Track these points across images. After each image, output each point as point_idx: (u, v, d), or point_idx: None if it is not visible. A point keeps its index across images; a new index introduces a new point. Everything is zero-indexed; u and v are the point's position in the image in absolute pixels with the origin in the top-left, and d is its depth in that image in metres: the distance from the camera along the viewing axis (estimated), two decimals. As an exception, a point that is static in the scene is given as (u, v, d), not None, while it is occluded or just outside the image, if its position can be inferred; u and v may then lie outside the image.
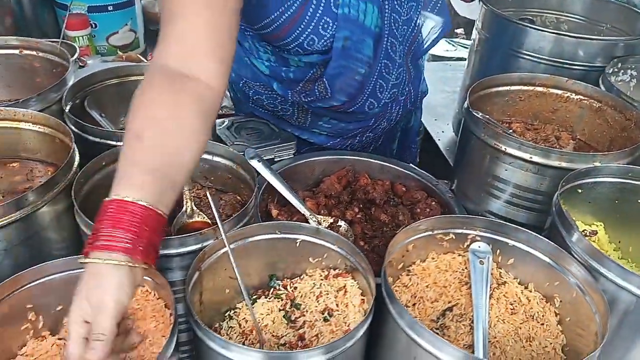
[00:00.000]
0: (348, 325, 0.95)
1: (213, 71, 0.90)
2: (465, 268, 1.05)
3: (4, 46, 1.42)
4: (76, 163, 1.03)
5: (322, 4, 1.15)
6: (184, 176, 0.84)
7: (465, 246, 1.06)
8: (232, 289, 1.02)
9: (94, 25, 2.15)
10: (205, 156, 1.21)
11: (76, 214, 0.98)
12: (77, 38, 2.08)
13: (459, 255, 1.07)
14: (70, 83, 1.30)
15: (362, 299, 0.98)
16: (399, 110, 1.51)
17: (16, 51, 1.43)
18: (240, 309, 1.02)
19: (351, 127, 1.48)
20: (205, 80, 0.89)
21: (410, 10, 1.33)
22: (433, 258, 1.06)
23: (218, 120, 1.43)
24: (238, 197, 1.22)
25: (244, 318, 1.00)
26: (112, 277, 0.70)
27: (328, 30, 1.18)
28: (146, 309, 0.88)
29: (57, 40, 1.57)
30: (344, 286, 1.00)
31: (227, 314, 1.02)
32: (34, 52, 1.43)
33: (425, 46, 1.45)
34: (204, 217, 1.14)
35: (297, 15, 1.12)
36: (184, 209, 1.13)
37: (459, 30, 3.25)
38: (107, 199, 0.77)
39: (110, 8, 2.16)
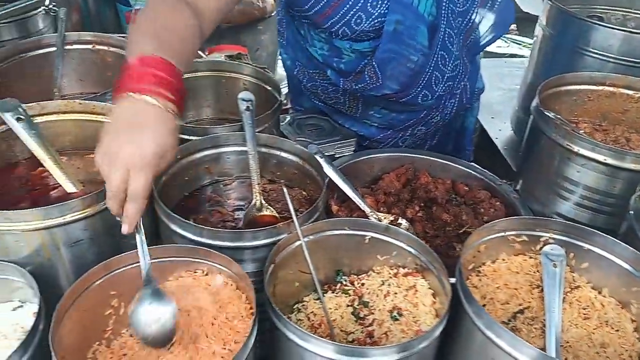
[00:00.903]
0: (419, 326, 0.95)
1: (211, 10, 1.03)
2: (537, 271, 1.04)
3: (78, 41, 1.48)
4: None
5: None
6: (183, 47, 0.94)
7: (537, 248, 1.04)
8: (301, 282, 1.04)
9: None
10: (273, 151, 1.23)
11: (156, 204, 1.02)
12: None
13: (530, 257, 1.05)
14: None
15: (433, 300, 0.98)
16: (454, 104, 1.49)
17: (89, 46, 1.48)
18: (307, 302, 1.04)
19: (402, 118, 1.47)
20: (204, 14, 1.01)
21: (467, 2, 1.31)
22: (504, 259, 1.05)
23: (281, 116, 1.45)
24: (304, 192, 1.24)
25: (312, 312, 1.01)
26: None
27: (377, 9, 1.18)
28: (224, 299, 0.91)
29: (125, 35, 1.62)
30: (414, 285, 1.00)
31: (294, 307, 1.04)
32: (106, 47, 1.49)
33: (482, 43, 1.43)
34: (272, 211, 1.16)
35: None
36: (253, 202, 1.15)
37: (512, 27, 3.19)
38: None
39: (170, 4, 2.21)
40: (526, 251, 1.05)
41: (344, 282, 1.07)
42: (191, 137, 1.22)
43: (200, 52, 2.13)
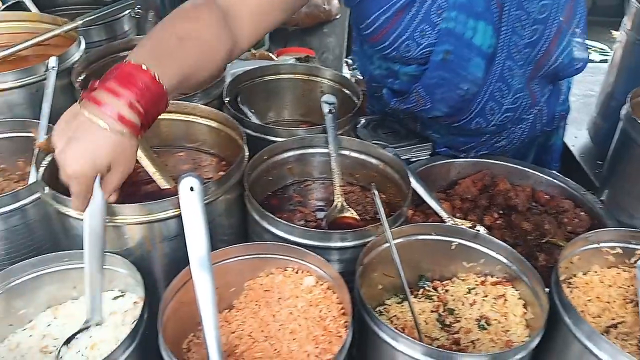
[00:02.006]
0: (509, 336, 0.93)
1: (247, 27, 1.02)
2: (631, 285, 1.00)
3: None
4: (246, 158, 1.09)
5: (422, 12, 1.13)
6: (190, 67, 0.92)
7: (632, 261, 1.01)
8: (384, 286, 1.04)
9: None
10: (353, 154, 1.25)
11: (247, 201, 1.05)
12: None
13: (624, 270, 1.02)
14: (228, 80, 1.39)
15: (524, 310, 0.96)
16: (524, 132, 1.43)
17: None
18: (390, 305, 1.04)
19: (461, 140, 1.42)
20: (237, 29, 1.01)
21: (535, 33, 1.21)
22: (596, 272, 1.02)
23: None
24: (382, 196, 1.24)
25: (395, 315, 1.01)
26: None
27: (425, 39, 1.16)
28: (316, 299, 0.92)
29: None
30: (503, 295, 0.98)
31: (376, 310, 1.04)
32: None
33: (567, 72, 1.34)
34: (352, 213, 1.17)
35: (395, 18, 1.12)
36: (334, 204, 1.17)
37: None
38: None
39: (242, 7, 2.27)
40: (620, 264, 1.02)
41: (427, 288, 1.06)
42: (276, 138, 1.25)
43: (270, 54, 2.19)
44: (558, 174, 1.36)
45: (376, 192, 0.97)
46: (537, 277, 0.93)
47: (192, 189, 0.91)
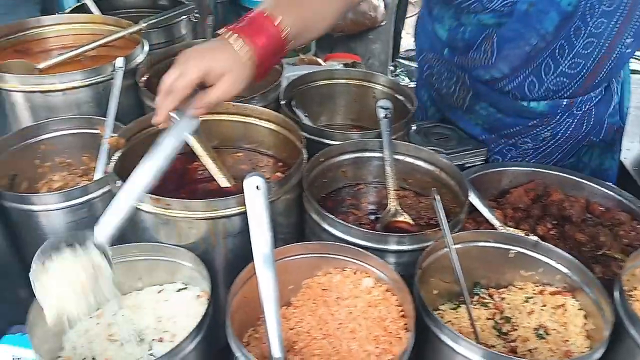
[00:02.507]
0: (568, 347, 0.93)
1: None
2: (696, 301, 0.98)
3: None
4: (305, 160, 1.12)
5: None
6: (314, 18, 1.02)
7: (696, 277, 0.99)
8: (439, 291, 1.05)
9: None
10: (407, 159, 1.25)
11: (306, 201, 1.08)
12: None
13: (687, 285, 1.00)
14: (285, 84, 1.42)
15: (584, 321, 0.95)
16: (571, 125, 1.43)
17: (232, 52, 1.58)
18: (444, 311, 1.04)
19: (508, 122, 1.43)
20: None
21: (614, 2, 1.22)
22: (658, 285, 1.00)
23: (410, 125, 1.47)
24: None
25: (450, 321, 1.02)
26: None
27: None
28: (375, 300, 0.94)
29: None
30: (563, 304, 0.98)
31: (431, 314, 1.05)
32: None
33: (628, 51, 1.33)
34: (406, 218, 1.18)
35: None
36: (387, 208, 1.18)
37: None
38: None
39: (291, 13, 2.31)
40: (683, 278, 1.00)
41: (482, 295, 1.06)
42: (331, 141, 1.27)
43: (318, 59, 2.22)
44: (613, 186, 1.34)
45: (438, 198, 0.98)
46: (600, 288, 0.92)
47: (257, 187, 0.94)
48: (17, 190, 1.24)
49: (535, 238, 1.21)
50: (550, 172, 1.38)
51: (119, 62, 1.32)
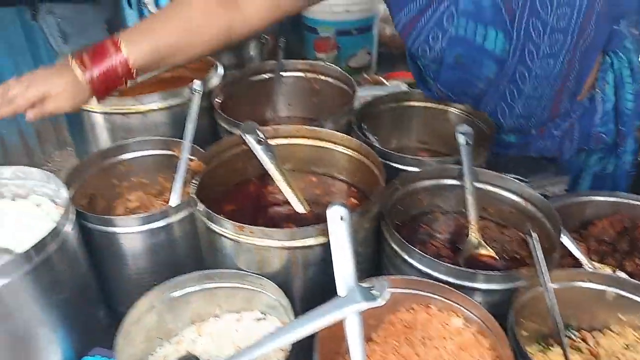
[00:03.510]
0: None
1: (259, 10, 1.14)
2: None
3: (293, 68, 1.59)
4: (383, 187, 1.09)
5: (434, 19, 1.15)
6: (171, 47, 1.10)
7: None
8: (528, 332, 0.99)
9: (338, 48, 2.31)
10: (489, 187, 1.20)
11: (388, 233, 1.04)
12: (323, 59, 2.25)
13: None
14: (356, 106, 1.40)
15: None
16: (551, 145, 1.39)
17: (302, 74, 1.58)
18: (532, 354, 0.98)
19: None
20: (246, 12, 1.14)
21: (556, 44, 1.15)
22: None
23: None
24: (520, 234, 1.19)
25: (539, 364, 0.96)
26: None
27: (438, 43, 1.17)
28: (465, 342, 0.89)
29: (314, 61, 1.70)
30: (671, 353, 0.90)
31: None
32: (316, 75, 1.58)
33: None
34: (489, 250, 1.12)
35: (410, 24, 1.16)
36: (469, 239, 1.13)
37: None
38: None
39: (353, 32, 2.30)
40: None
41: (574, 338, 1.00)
42: (403, 166, 1.23)
43: (382, 79, 2.19)
44: None
45: (535, 236, 0.93)
46: None
47: (341, 217, 0.91)
48: (95, 209, 1.26)
49: (622, 274, 1.14)
50: (638, 203, 1.29)
51: (197, 84, 1.33)
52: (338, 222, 0.91)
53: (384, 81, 2.14)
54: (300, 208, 1.16)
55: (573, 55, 1.19)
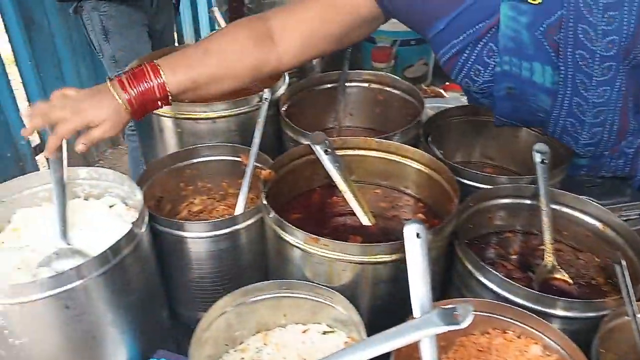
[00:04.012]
0: None
1: (292, 49, 1.15)
2: None
3: (357, 79, 1.57)
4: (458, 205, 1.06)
5: (474, 55, 1.10)
6: (206, 80, 1.11)
7: None
8: (609, 364, 0.93)
9: (396, 58, 2.29)
10: (565, 209, 1.15)
11: (462, 253, 1.01)
12: (380, 69, 2.23)
13: None
14: (424, 119, 1.37)
15: None
16: (624, 164, 1.30)
17: (366, 84, 1.57)
18: (611, 387, 0.93)
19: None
20: (281, 50, 1.15)
21: (609, 72, 1.06)
22: None
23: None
24: (597, 259, 1.13)
25: (621, 400, 0.90)
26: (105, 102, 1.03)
27: (481, 78, 1.13)
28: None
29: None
30: None
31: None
32: (380, 86, 1.56)
33: None
34: (564, 275, 1.07)
35: (452, 60, 1.12)
36: (544, 262, 1.08)
37: None
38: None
39: (412, 42, 2.28)
40: None
41: (660, 373, 0.93)
42: (476, 184, 1.20)
43: (441, 91, 2.15)
44: None
45: (624, 264, 0.88)
46: None
47: (418, 235, 0.89)
48: (162, 212, 1.28)
49: None
50: None
51: (266, 93, 1.34)
52: (415, 239, 0.88)
53: (443, 93, 2.10)
54: (365, 220, 1.14)
55: (629, 76, 1.11)
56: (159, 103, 1.08)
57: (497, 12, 1.04)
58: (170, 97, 1.08)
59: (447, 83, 2.48)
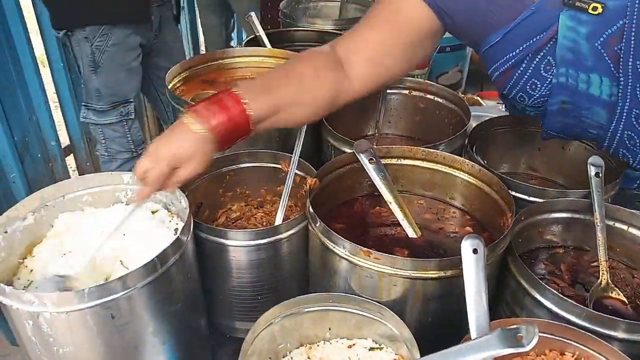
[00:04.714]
0: None
1: (360, 75, 1.13)
2: None
3: (398, 86, 1.54)
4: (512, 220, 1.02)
5: (531, 69, 1.06)
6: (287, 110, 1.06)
7: None
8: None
9: (430, 65, 2.25)
10: (618, 225, 1.11)
11: (516, 269, 0.97)
12: (415, 76, 2.20)
13: None
14: (470, 129, 1.34)
15: None
16: None
17: (406, 91, 1.54)
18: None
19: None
20: (351, 76, 1.12)
21: None
22: None
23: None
24: (650, 278, 1.09)
25: None
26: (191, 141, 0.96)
27: (537, 92, 1.09)
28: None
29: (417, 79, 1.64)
30: None
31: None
32: (422, 94, 1.53)
33: None
34: (618, 294, 1.03)
35: (506, 73, 1.09)
36: (599, 280, 1.04)
37: None
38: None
39: (447, 49, 2.24)
40: None
41: None
42: (530, 198, 1.15)
43: (479, 99, 2.11)
44: None
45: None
46: None
47: (475, 251, 0.85)
48: (201, 218, 1.26)
49: None
50: None
51: (308, 99, 1.31)
52: (472, 255, 0.85)
53: (481, 101, 2.06)
54: (411, 232, 1.11)
55: None
56: (242, 132, 1.02)
57: (555, 24, 1.00)
58: (251, 124, 1.01)
59: (482, 91, 2.45)
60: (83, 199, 1.13)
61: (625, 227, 1.11)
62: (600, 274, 1.04)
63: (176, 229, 1.07)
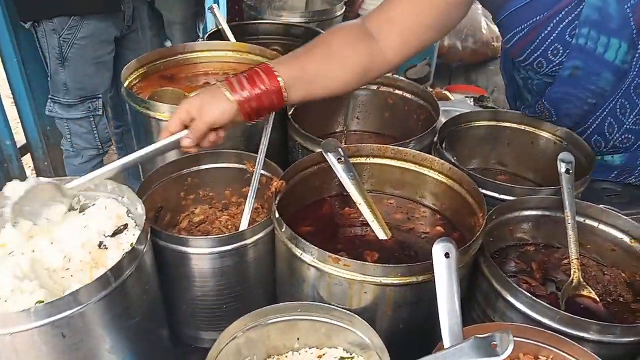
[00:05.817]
0: None
1: (393, 45, 1.15)
2: None
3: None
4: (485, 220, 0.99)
5: (556, 31, 1.11)
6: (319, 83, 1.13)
7: None
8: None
9: (399, 58, 2.22)
10: (589, 221, 1.10)
11: (489, 272, 0.95)
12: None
13: None
14: (439, 125, 1.31)
15: None
16: None
17: (374, 87, 1.50)
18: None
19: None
20: (383, 46, 1.15)
21: None
22: None
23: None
24: (623, 275, 1.08)
25: None
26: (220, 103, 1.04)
27: (557, 57, 1.14)
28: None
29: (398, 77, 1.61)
30: None
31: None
32: (391, 89, 1.49)
33: None
34: (590, 292, 1.02)
35: (529, 36, 1.13)
36: (570, 278, 1.03)
37: None
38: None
39: (415, 42, 2.21)
40: None
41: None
42: (501, 196, 1.13)
43: (447, 93, 2.09)
44: None
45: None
46: None
47: (447, 255, 0.83)
48: (161, 223, 1.20)
49: None
50: None
51: (273, 96, 1.26)
52: (443, 260, 0.82)
53: (449, 95, 2.04)
54: (381, 234, 1.07)
55: None
56: (275, 103, 1.07)
57: None
58: (285, 96, 1.07)
59: (450, 84, 2.44)
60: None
61: (595, 224, 1.10)
62: (572, 272, 1.03)
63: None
